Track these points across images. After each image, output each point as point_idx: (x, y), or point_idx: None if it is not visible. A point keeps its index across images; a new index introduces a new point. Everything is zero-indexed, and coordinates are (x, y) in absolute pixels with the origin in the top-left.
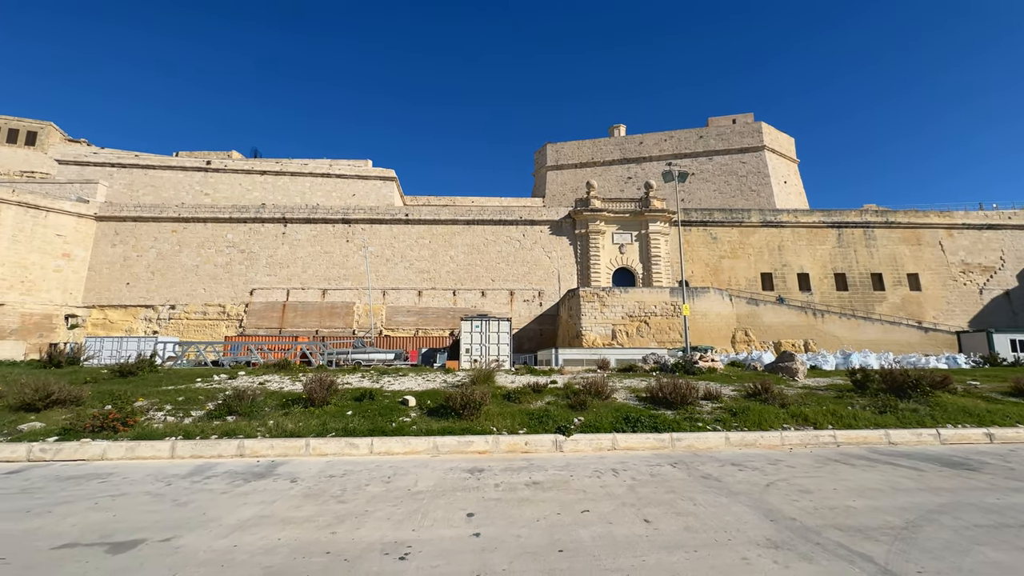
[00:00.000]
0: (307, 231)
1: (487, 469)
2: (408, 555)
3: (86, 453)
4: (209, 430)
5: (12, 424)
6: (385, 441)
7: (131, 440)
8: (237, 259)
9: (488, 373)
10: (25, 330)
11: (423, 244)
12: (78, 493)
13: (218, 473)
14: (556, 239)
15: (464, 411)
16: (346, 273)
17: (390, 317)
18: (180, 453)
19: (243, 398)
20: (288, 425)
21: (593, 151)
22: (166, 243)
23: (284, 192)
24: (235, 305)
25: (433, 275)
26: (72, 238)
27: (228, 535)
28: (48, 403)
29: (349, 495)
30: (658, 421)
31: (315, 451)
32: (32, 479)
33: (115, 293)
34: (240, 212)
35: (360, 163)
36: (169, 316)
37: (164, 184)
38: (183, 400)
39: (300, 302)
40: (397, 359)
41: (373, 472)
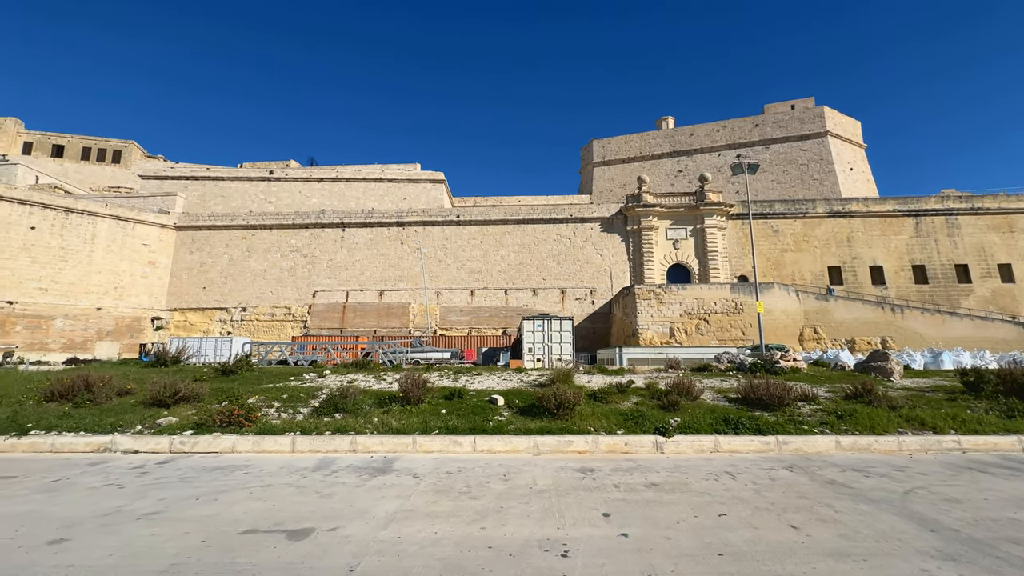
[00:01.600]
0: (364, 235)
1: (596, 469)
2: (568, 553)
3: (218, 446)
4: (322, 426)
5: (151, 418)
6: (487, 440)
7: (255, 435)
8: (300, 263)
9: (567, 373)
10: (119, 331)
11: (474, 244)
12: (229, 483)
13: (341, 467)
14: (607, 236)
15: (559, 411)
16: (401, 274)
17: (444, 317)
18: (300, 448)
19: (346, 396)
20: (392, 423)
21: (641, 145)
22: (236, 249)
23: (340, 198)
24: (299, 307)
25: (485, 275)
26: (156, 247)
27: (386, 527)
28: (176, 399)
29: (476, 492)
30: (760, 423)
31: (422, 448)
32: (183, 469)
33: (193, 297)
34: (302, 218)
35: (409, 167)
36: (241, 318)
37: (232, 194)
38: (287, 398)
39: (359, 303)
40: (453, 358)
41: (486, 470)
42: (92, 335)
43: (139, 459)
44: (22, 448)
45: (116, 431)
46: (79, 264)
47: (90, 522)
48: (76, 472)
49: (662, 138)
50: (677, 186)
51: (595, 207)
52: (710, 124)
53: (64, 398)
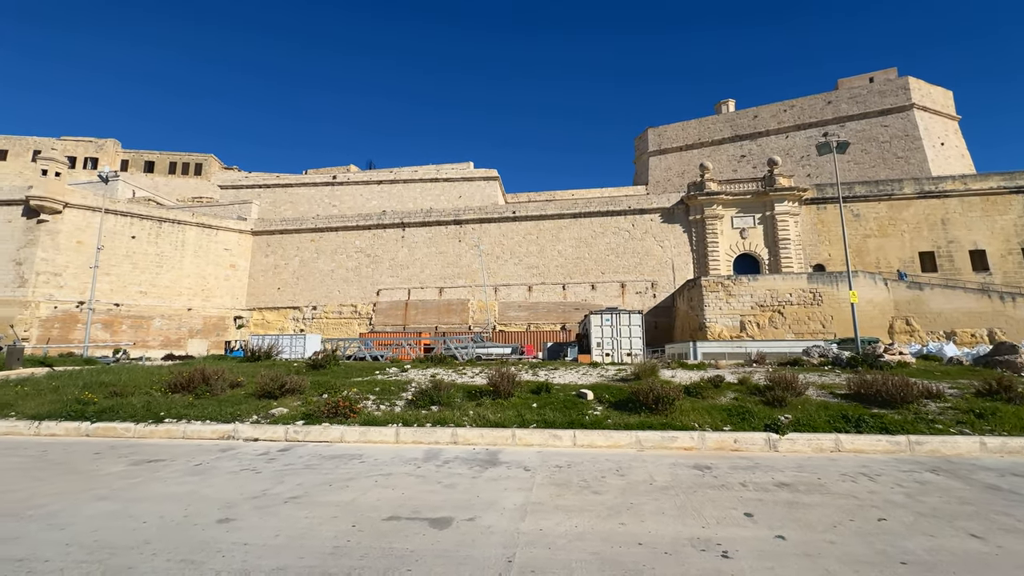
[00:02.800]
0: (423, 233)
1: (713, 467)
2: (728, 554)
3: (328, 436)
4: (422, 418)
5: (263, 409)
6: (587, 434)
7: (361, 425)
8: (364, 263)
9: (651, 367)
10: (206, 330)
11: (531, 240)
12: (352, 471)
13: (450, 459)
14: (668, 227)
15: (657, 406)
16: (459, 271)
17: (502, 312)
18: (403, 439)
19: (440, 389)
20: (489, 416)
21: (700, 131)
22: (306, 251)
23: (399, 198)
24: (365, 304)
25: (542, 270)
26: (235, 251)
27: (523, 519)
28: (282, 391)
29: (596, 487)
30: (885, 422)
31: (521, 441)
32: (304, 456)
33: (269, 297)
34: (364, 220)
35: (463, 165)
36: (312, 316)
37: (299, 199)
38: (380, 391)
39: (420, 300)
40: (514, 353)
41: (595, 465)
42: (184, 333)
43: (261, 446)
44: (158, 435)
45: (236, 420)
46: (172, 269)
47: (245, 504)
48: (212, 457)
49: (722, 122)
50: (741, 172)
51: (654, 198)
52: (776, 104)
53: (185, 389)
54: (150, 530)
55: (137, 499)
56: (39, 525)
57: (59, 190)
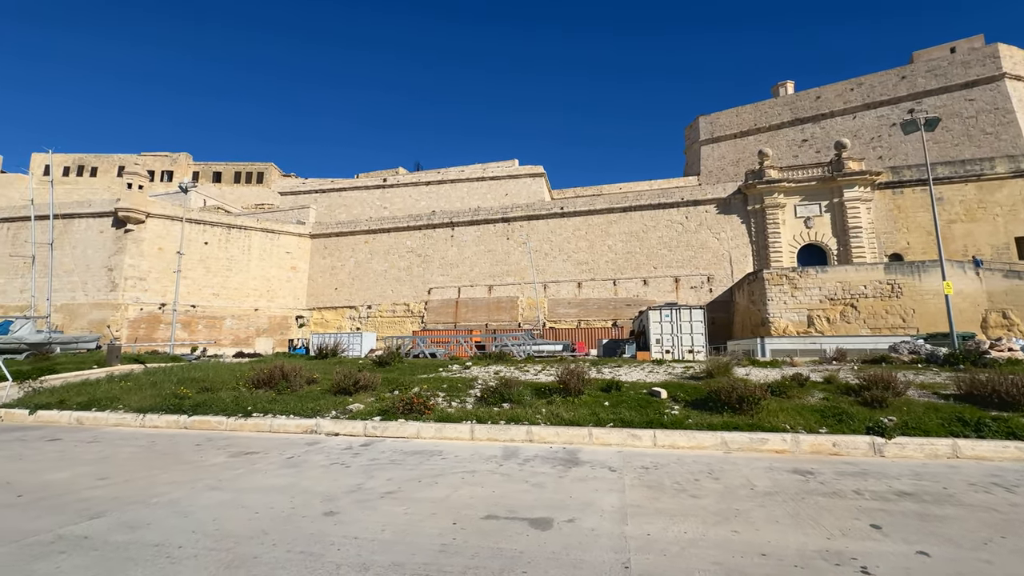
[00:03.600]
0: (472, 232)
1: (815, 472)
2: (868, 570)
3: (405, 431)
4: (495, 416)
5: (340, 405)
6: (668, 434)
7: (435, 422)
8: (415, 263)
9: (725, 365)
10: (272, 328)
11: (579, 235)
12: (436, 467)
13: (529, 457)
14: (724, 218)
15: (741, 406)
16: (508, 269)
17: (552, 309)
18: (478, 436)
19: (509, 386)
20: (563, 414)
21: (755, 116)
22: (360, 252)
23: (446, 198)
24: (416, 303)
25: (592, 266)
26: (296, 254)
27: (625, 522)
28: (356, 388)
29: (693, 490)
30: (1011, 425)
31: (598, 440)
32: (386, 452)
33: (327, 297)
34: (414, 220)
35: (508, 163)
36: (367, 314)
37: (352, 203)
38: (448, 387)
39: (470, 298)
40: (565, 350)
41: (683, 466)
42: (252, 332)
43: (343, 441)
44: (248, 428)
45: (318, 415)
46: (240, 272)
47: (344, 498)
48: (301, 451)
49: (781, 105)
50: (802, 158)
51: (709, 188)
52: (841, 83)
53: (267, 385)
54: (263, 521)
55: (244, 490)
56: (165, 512)
57: (142, 202)
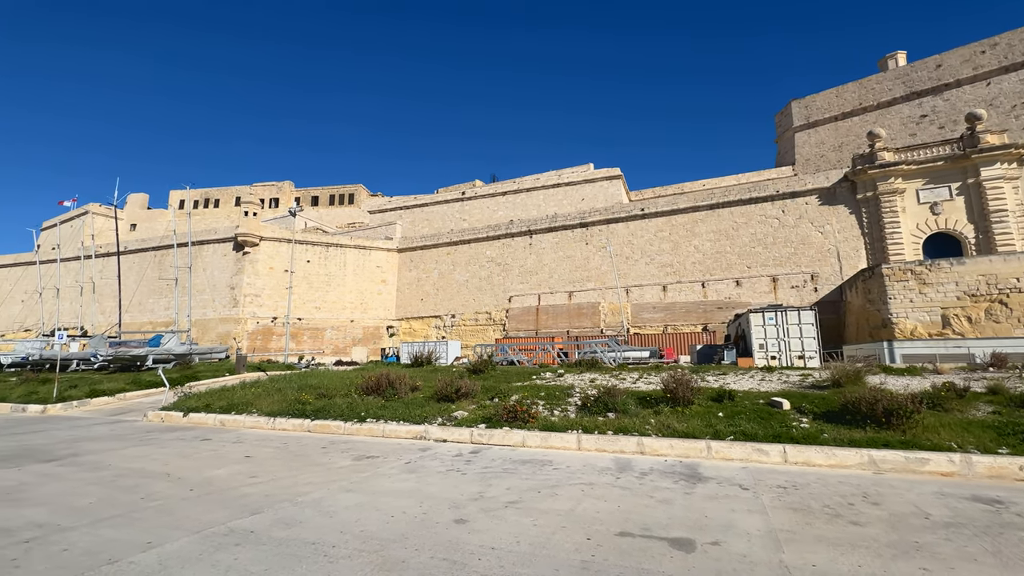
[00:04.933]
0: (549, 239)
1: (1004, 501)
2: None
3: (511, 440)
4: (601, 425)
5: (445, 412)
6: (800, 450)
7: (540, 431)
8: (495, 272)
9: (855, 372)
10: (366, 338)
11: (662, 237)
12: (552, 478)
13: (645, 470)
14: (829, 210)
15: (888, 420)
16: (588, 275)
17: (635, 314)
18: (585, 446)
19: (613, 395)
20: (674, 425)
21: (860, 94)
22: (443, 264)
23: (523, 207)
24: (498, 311)
25: (677, 268)
26: (385, 268)
27: (779, 548)
28: (457, 395)
29: (850, 515)
30: None
31: (719, 454)
32: (496, 460)
33: (414, 307)
34: (493, 231)
35: (583, 168)
36: (451, 323)
37: (433, 217)
38: (545, 395)
39: (550, 305)
40: (652, 356)
41: (829, 487)
42: (349, 342)
43: (452, 448)
44: (363, 432)
45: (425, 422)
46: (337, 286)
47: (470, 505)
48: (416, 456)
49: (891, 80)
50: (921, 136)
51: (808, 178)
52: (968, 47)
53: (376, 392)
54: (400, 525)
55: (375, 492)
56: (312, 511)
57: (256, 227)
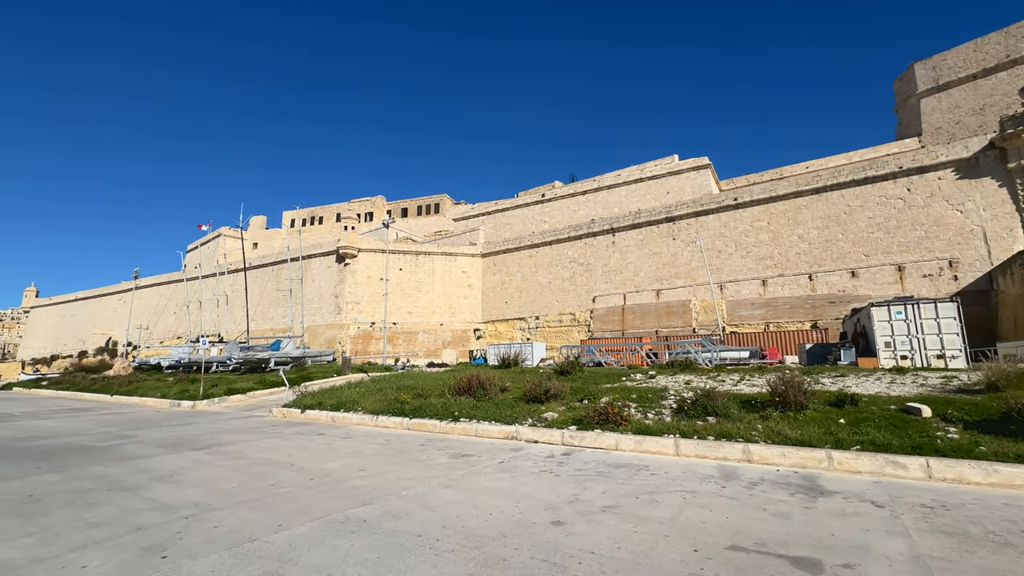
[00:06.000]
0: (633, 236)
1: None
2: None
3: (603, 442)
4: (700, 430)
5: (534, 413)
6: (950, 464)
7: (633, 434)
8: (578, 272)
9: (1020, 374)
10: (454, 341)
11: (760, 227)
12: (650, 483)
13: (754, 480)
14: (970, 184)
15: None
16: (676, 271)
17: (731, 312)
18: (684, 451)
19: (712, 398)
20: (786, 432)
21: (1008, 45)
22: (526, 267)
23: (604, 205)
24: (582, 312)
25: (778, 260)
26: (470, 272)
27: None
28: (546, 397)
29: None
30: None
31: (842, 466)
32: (589, 462)
33: (499, 310)
34: (574, 231)
35: (666, 160)
36: (535, 325)
37: (515, 221)
38: (637, 398)
39: (637, 304)
40: (752, 357)
41: (994, 510)
42: (440, 344)
43: (544, 449)
44: (457, 431)
45: (516, 423)
46: (427, 292)
47: (566, 508)
48: (508, 456)
49: None
50: None
51: (940, 149)
52: None
53: (467, 392)
54: (498, 523)
55: (472, 490)
56: (415, 505)
57: (354, 240)
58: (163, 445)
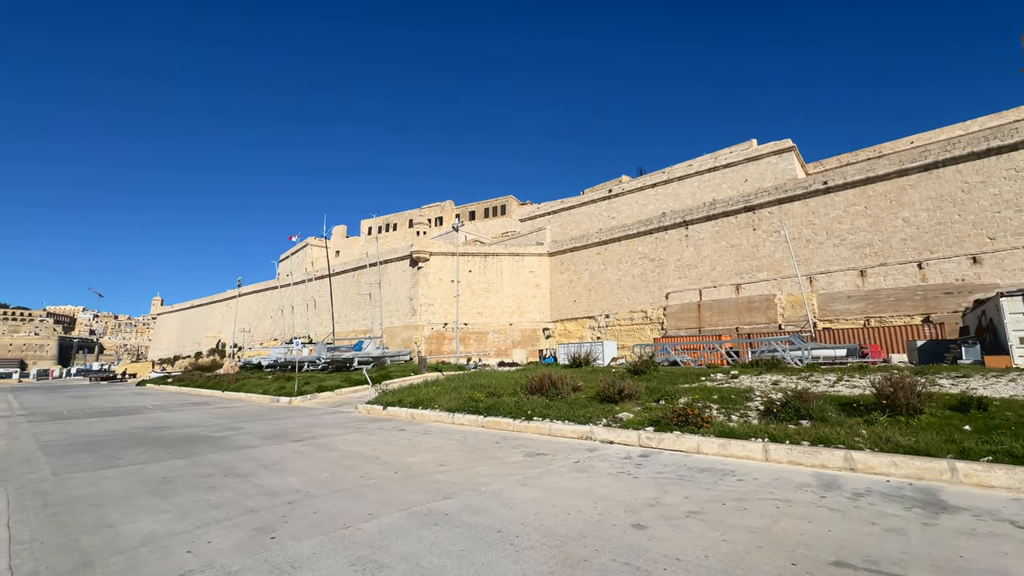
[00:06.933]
0: (708, 229)
1: None
2: None
3: (683, 445)
4: (793, 434)
5: (608, 413)
6: None
7: (716, 437)
8: (649, 268)
9: None
10: (524, 340)
11: (855, 212)
12: (737, 490)
13: (858, 491)
14: None
15: None
16: (758, 264)
17: (823, 306)
18: (775, 457)
19: (806, 400)
20: (896, 438)
21: None
22: (594, 264)
23: (675, 197)
24: (654, 309)
25: (878, 248)
26: (537, 272)
27: None
28: (620, 396)
29: None
30: None
31: (970, 479)
32: (669, 465)
33: (567, 309)
34: (644, 226)
35: (744, 145)
36: (605, 324)
37: (581, 218)
38: (718, 399)
39: (714, 300)
40: (850, 355)
41: None
42: (509, 344)
43: (620, 450)
44: (530, 430)
45: (590, 422)
46: (496, 293)
47: (646, 511)
48: (584, 456)
49: None
50: None
51: None
52: None
53: (539, 392)
54: (576, 523)
55: (549, 489)
56: (493, 502)
57: (426, 244)
58: (266, 437)
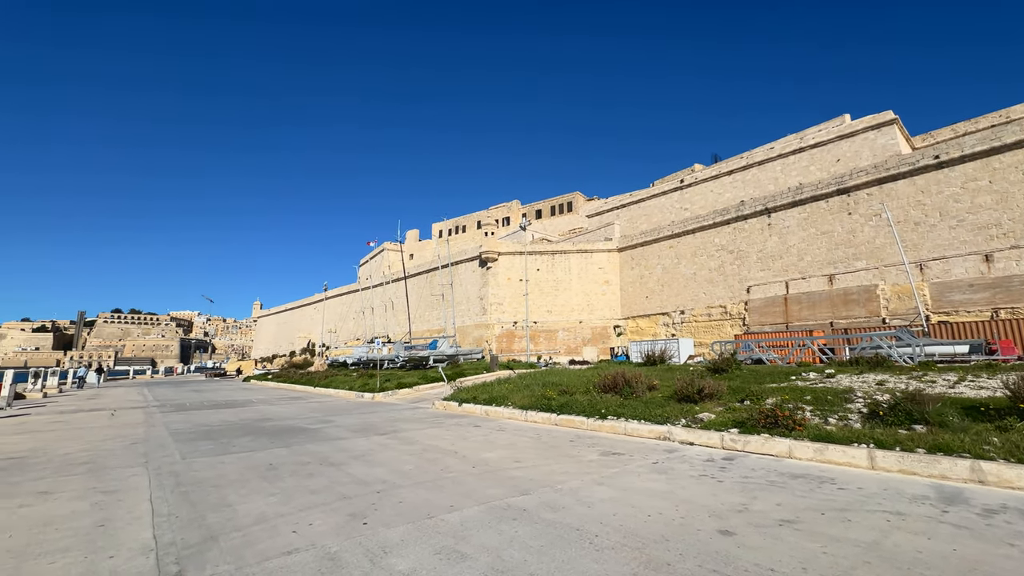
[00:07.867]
0: (794, 215)
1: None
2: None
3: (772, 449)
4: (904, 441)
5: (688, 414)
6: None
7: (811, 441)
8: (727, 260)
9: None
10: (594, 338)
11: (977, 188)
12: (838, 500)
13: (991, 506)
14: None
15: None
16: (855, 252)
17: (937, 297)
18: (883, 465)
19: (920, 402)
20: None
21: None
22: (666, 259)
23: (754, 184)
24: (735, 304)
25: (1008, 228)
26: (607, 268)
27: None
28: (700, 396)
29: None
30: None
31: None
32: (757, 470)
33: (639, 305)
34: (721, 216)
35: (835, 122)
36: (680, 320)
37: (652, 211)
38: (812, 400)
39: (803, 293)
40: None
41: None
42: (580, 342)
43: (701, 452)
44: (605, 429)
45: (668, 423)
46: (565, 291)
47: (734, 517)
48: (662, 457)
49: None
50: None
51: None
52: None
53: (613, 390)
54: (658, 525)
55: (627, 489)
56: (570, 500)
57: (495, 245)
58: (355, 429)
